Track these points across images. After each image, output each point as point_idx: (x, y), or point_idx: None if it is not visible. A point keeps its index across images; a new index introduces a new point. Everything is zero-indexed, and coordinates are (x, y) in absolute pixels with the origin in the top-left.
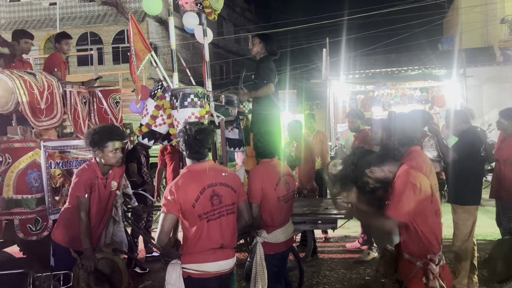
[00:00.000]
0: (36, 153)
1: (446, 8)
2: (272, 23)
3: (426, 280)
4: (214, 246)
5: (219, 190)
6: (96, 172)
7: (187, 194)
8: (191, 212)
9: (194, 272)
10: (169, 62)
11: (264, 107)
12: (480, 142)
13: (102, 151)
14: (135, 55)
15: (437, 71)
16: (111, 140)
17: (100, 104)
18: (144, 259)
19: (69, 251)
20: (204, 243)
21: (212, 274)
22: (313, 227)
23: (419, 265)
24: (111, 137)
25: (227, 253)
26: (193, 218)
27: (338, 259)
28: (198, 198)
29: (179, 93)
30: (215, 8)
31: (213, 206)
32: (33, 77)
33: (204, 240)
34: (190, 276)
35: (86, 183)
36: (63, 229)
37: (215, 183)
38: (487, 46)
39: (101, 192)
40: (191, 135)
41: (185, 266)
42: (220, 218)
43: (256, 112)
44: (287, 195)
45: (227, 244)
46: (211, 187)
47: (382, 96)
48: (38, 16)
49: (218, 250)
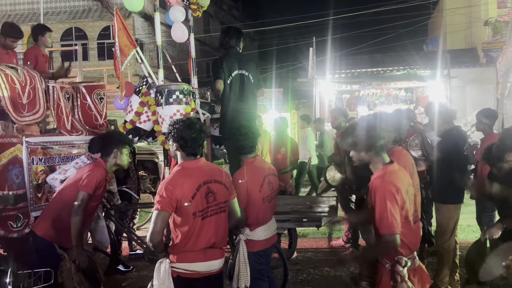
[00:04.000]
0: (17, 148)
1: (431, 9)
2: (259, 22)
3: (394, 283)
4: (206, 246)
5: (213, 187)
6: (105, 172)
7: (184, 191)
8: (186, 209)
9: (183, 271)
10: (154, 59)
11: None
12: (463, 141)
13: (122, 152)
14: (120, 50)
15: (422, 71)
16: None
17: (84, 100)
18: (127, 256)
19: (53, 246)
20: (196, 242)
21: (202, 274)
22: (297, 225)
23: (388, 267)
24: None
25: (217, 253)
26: (187, 215)
27: (322, 257)
28: (194, 195)
29: (164, 89)
30: (202, 5)
31: (208, 204)
32: (15, 71)
33: (197, 238)
34: (179, 276)
35: (97, 181)
36: (49, 223)
37: (210, 180)
38: (470, 47)
39: (102, 191)
40: (186, 129)
41: (174, 265)
42: (213, 215)
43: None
44: (271, 195)
45: (219, 243)
46: (206, 184)
47: (367, 95)
48: (21, 10)
49: (208, 250)
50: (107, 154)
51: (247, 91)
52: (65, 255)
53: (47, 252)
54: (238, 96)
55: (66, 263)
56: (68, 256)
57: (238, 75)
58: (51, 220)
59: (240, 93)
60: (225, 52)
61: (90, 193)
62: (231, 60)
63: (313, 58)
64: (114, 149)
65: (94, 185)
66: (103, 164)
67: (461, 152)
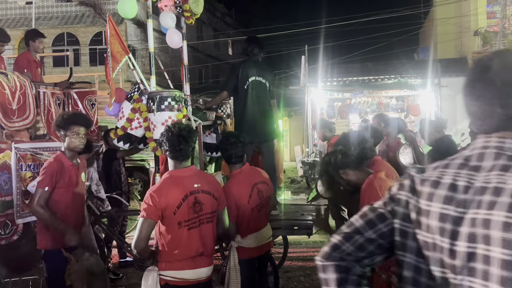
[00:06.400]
0: (6, 154)
1: (422, 19)
2: (252, 29)
3: None
4: (194, 254)
5: (201, 198)
6: (63, 161)
7: (169, 200)
8: (172, 219)
9: (172, 279)
10: (147, 65)
11: (234, 111)
12: (454, 150)
13: (67, 134)
14: (111, 57)
15: (413, 80)
16: (76, 124)
17: (76, 106)
18: (117, 264)
19: (59, 253)
20: (184, 251)
21: (190, 282)
22: (288, 233)
23: (384, 278)
24: (76, 122)
25: (206, 260)
26: (172, 225)
27: (313, 265)
28: (180, 205)
29: (156, 96)
30: (195, 12)
31: (194, 214)
32: (5, 77)
33: (184, 248)
34: (167, 283)
35: (51, 173)
36: (44, 231)
37: (197, 190)
38: (461, 57)
39: (72, 180)
40: (175, 132)
41: (162, 273)
42: (200, 226)
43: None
44: (260, 204)
45: (207, 252)
46: (194, 194)
47: (359, 103)
48: (13, 15)
49: (197, 258)
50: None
51: (263, 98)
52: (71, 257)
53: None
54: (254, 101)
55: (72, 265)
56: (74, 259)
57: (256, 81)
58: (43, 227)
59: (256, 98)
60: (246, 58)
61: (46, 187)
62: (250, 65)
63: (305, 66)
64: (61, 132)
65: (49, 178)
66: (59, 154)
67: None
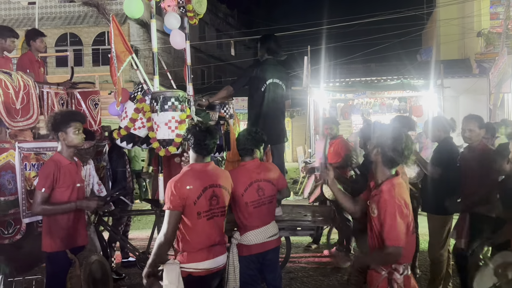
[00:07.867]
0: (10, 154)
1: (425, 20)
2: (254, 30)
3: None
4: (212, 243)
5: (218, 192)
6: (60, 161)
7: (190, 190)
8: (192, 208)
9: (194, 270)
10: (150, 65)
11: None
12: (456, 152)
13: (66, 132)
14: (116, 57)
15: (416, 81)
16: (74, 121)
17: (79, 105)
18: (120, 264)
19: (64, 254)
20: (203, 240)
21: (211, 270)
22: (291, 233)
23: (384, 274)
24: (73, 118)
25: (221, 249)
26: (192, 215)
27: (315, 265)
28: (200, 196)
29: (160, 96)
30: (198, 12)
31: (210, 206)
32: (8, 77)
33: (204, 237)
34: (190, 275)
35: (46, 176)
36: (51, 233)
37: (215, 184)
38: (463, 58)
39: (73, 178)
40: (202, 128)
41: (184, 265)
42: (213, 218)
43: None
44: (258, 201)
45: (222, 241)
46: (212, 188)
47: (361, 104)
48: (16, 15)
49: (214, 247)
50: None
51: (279, 99)
52: (76, 259)
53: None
54: (270, 104)
55: (76, 269)
56: (78, 262)
57: (273, 84)
58: (51, 229)
59: (272, 101)
60: (264, 59)
61: (44, 189)
62: (266, 68)
63: (307, 66)
64: (58, 133)
65: (45, 180)
66: (56, 154)
67: (454, 163)
